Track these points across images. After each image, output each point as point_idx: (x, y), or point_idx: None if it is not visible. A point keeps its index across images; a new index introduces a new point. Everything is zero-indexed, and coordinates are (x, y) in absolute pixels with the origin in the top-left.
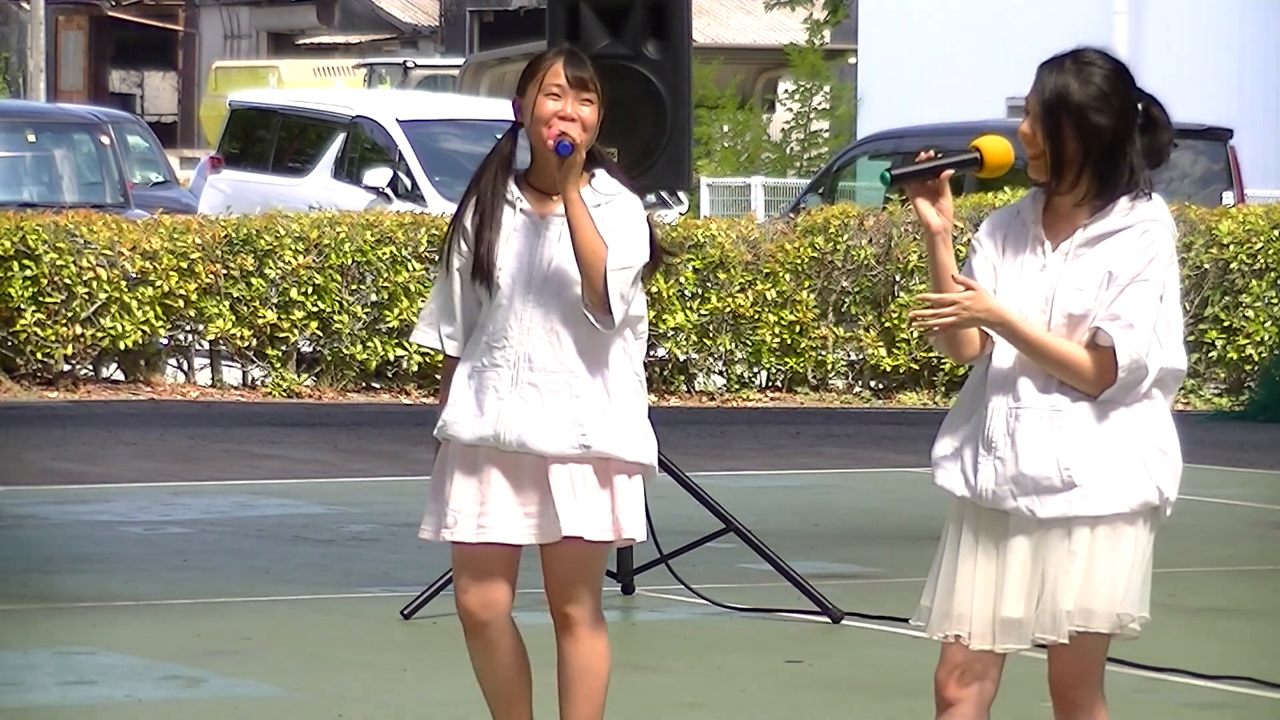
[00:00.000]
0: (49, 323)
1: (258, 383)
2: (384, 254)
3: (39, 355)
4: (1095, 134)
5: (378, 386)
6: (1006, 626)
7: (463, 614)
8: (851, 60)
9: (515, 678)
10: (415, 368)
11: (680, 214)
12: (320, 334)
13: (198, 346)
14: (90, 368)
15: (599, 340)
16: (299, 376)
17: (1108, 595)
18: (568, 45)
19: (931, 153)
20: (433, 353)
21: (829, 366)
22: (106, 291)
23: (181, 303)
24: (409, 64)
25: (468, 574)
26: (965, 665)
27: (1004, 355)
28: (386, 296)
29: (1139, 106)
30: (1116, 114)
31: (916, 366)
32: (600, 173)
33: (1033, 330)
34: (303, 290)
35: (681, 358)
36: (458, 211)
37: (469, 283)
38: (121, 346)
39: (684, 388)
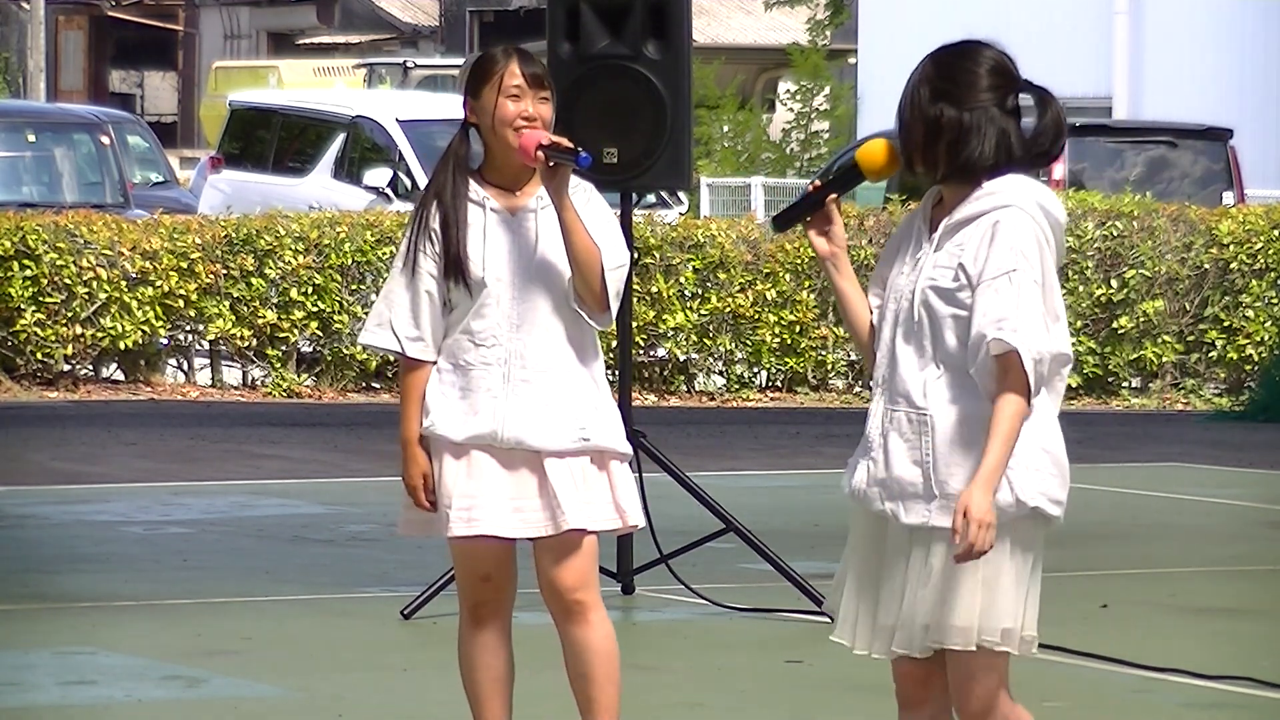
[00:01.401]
0: (49, 323)
1: (258, 383)
2: (384, 254)
3: (39, 355)
4: (935, 121)
5: (378, 386)
6: (880, 633)
7: (469, 607)
8: (851, 60)
9: (506, 674)
10: None
11: (680, 214)
12: (320, 334)
13: (198, 346)
14: (90, 368)
15: (584, 334)
16: (299, 376)
17: (965, 612)
18: (512, 45)
19: (817, 183)
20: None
21: (829, 366)
22: (106, 291)
23: (181, 303)
24: (409, 64)
25: (471, 567)
26: (915, 666)
27: (884, 356)
28: None
29: (1014, 94)
30: (964, 100)
31: None
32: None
33: (989, 463)
34: (303, 290)
35: (681, 358)
36: (418, 215)
37: (442, 285)
38: (121, 346)
39: (684, 388)
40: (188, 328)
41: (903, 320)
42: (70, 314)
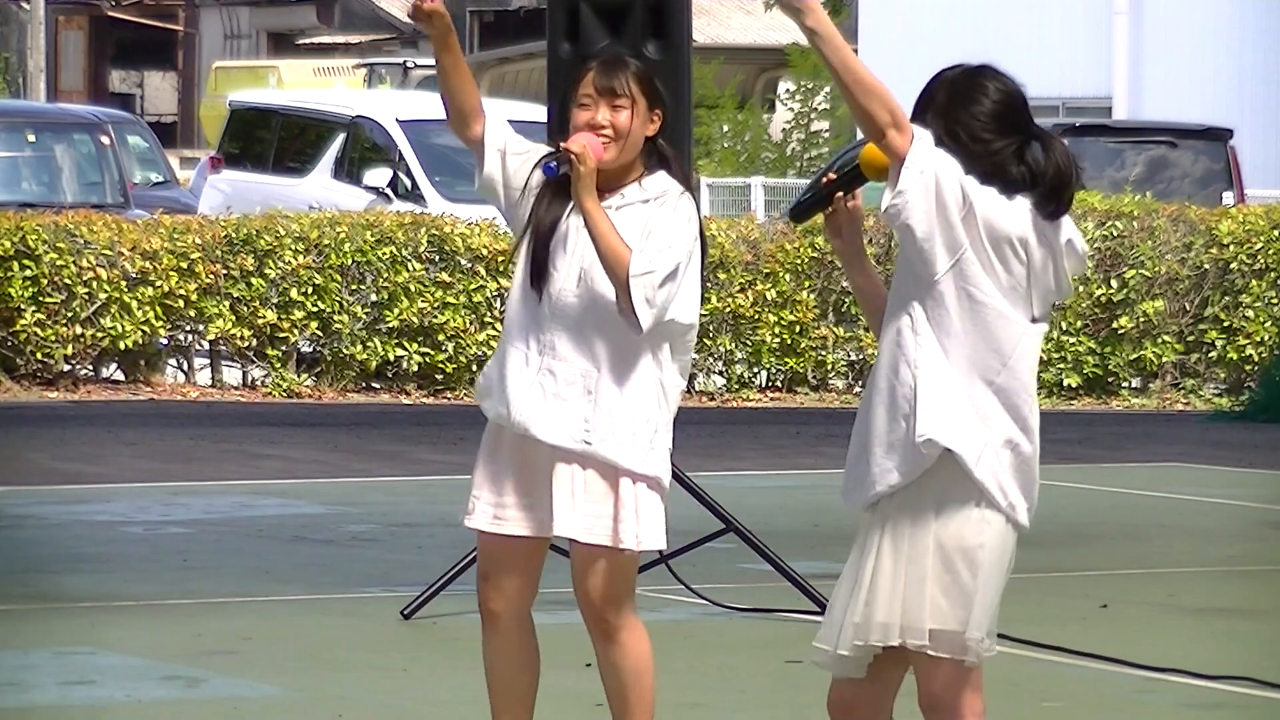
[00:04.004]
0: (49, 323)
1: (258, 383)
2: (384, 254)
3: (39, 355)
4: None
5: (378, 386)
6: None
7: (478, 601)
8: None
9: (518, 675)
10: (415, 368)
11: None
12: (320, 334)
13: (198, 346)
14: (90, 368)
15: (629, 344)
16: (299, 376)
17: (884, 609)
18: (611, 53)
19: (831, 175)
20: (433, 353)
21: (829, 366)
22: (106, 291)
23: (181, 303)
24: (409, 64)
25: (485, 561)
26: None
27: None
28: (386, 296)
29: (1023, 138)
30: (960, 132)
31: None
32: (658, 173)
33: None
34: (303, 290)
35: None
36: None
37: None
38: (121, 346)
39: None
40: (188, 328)
41: None
42: (70, 314)
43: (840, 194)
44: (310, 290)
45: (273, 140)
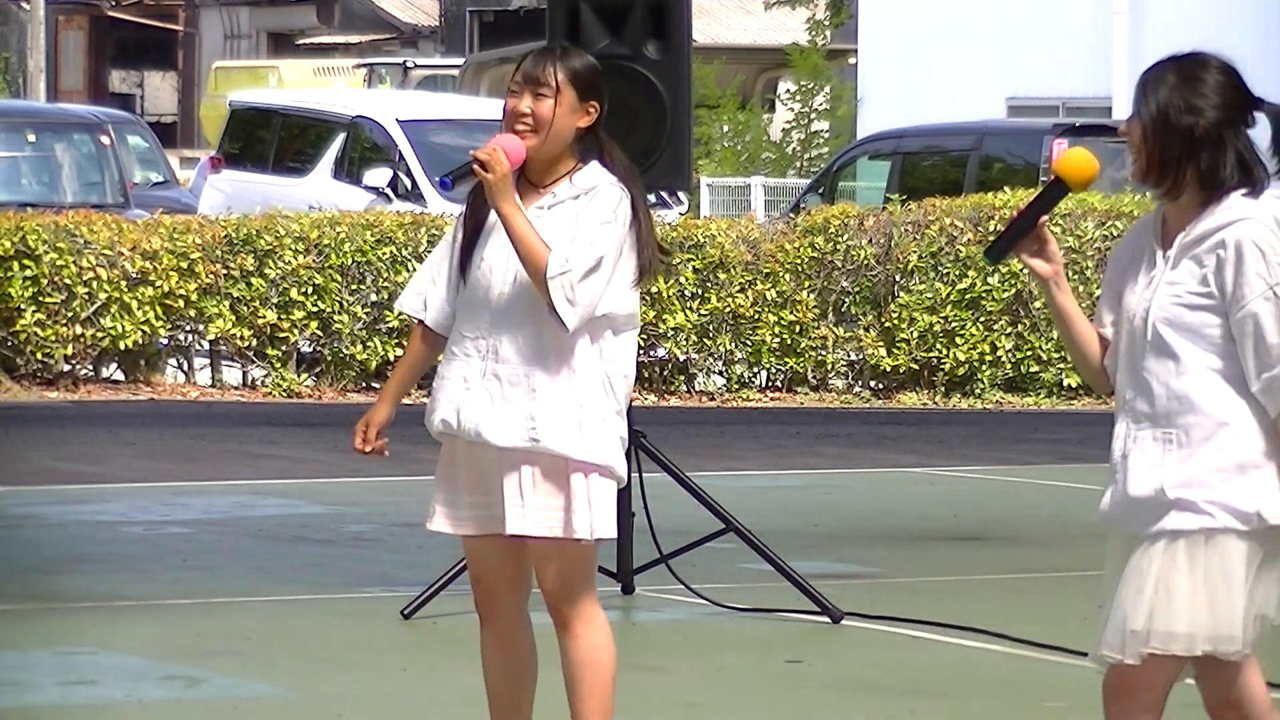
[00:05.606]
0: (49, 323)
1: (258, 383)
2: (384, 254)
3: (39, 355)
4: (1190, 135)
5: (378, 386)
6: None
7: (474, 604)
8: (852, 60)
9: (511, 676)
10: None
11: (680, 214)
12: (320, 334)
13: (198, 346)
14: (90, 368)
15: (566, 338)
16: (299, 376)
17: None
18: (552, 44)
19: (1019, 208)
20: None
21: (829, 366)
22: (106, 291)
23: (181, 303)
24: (409, 64)
25: (470, 564)
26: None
27: (1124, 377)
28: (386, 296)
29: (1249, 110)
30: (1212, 116)
31: (916, 366)
32: (590, 166)
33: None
34: (303, 290)
35: (681, 358)
36: (467, 199)
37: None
38: (121, 346)
39: (684, 388)
40: (188, 328)
41: (1139, 340)
42: (70, 314)
43: (1044, 218)
44: (310, 290)
45: (273, 140)
